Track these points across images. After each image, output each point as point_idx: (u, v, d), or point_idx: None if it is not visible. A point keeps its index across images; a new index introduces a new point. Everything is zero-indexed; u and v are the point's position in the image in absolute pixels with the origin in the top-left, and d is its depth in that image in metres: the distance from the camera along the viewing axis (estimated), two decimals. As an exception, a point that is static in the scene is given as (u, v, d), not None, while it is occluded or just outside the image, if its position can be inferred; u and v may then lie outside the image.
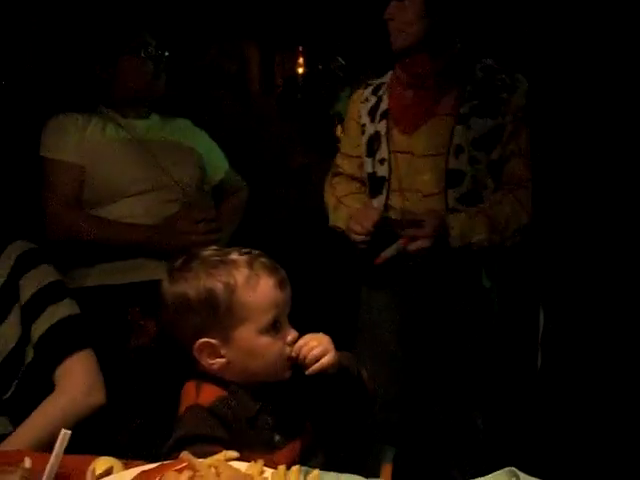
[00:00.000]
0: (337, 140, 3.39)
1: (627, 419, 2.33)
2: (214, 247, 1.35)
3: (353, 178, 2.17)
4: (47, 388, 1.56)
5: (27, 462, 1.01)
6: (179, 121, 2.39)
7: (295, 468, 1.02)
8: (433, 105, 1.98)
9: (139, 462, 1.08)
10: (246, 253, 1.30)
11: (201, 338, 1.25)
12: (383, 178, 2.03)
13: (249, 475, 0.99)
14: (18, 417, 1.53)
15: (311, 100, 3.42)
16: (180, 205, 2.15)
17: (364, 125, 2.09)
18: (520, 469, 1.05)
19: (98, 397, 1.58)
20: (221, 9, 2.97)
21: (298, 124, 3.35)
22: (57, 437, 1.41)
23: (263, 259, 1.30)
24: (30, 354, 1.59)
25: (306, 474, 1.03)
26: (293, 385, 1.32)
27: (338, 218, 2.12)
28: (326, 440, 1.36)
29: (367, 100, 2.12)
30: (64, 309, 1.62)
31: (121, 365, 1.92)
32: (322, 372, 1.28)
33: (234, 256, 1.29)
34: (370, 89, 2.14)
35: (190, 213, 2.15)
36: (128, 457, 1.12)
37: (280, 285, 1.28)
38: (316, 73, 3.43)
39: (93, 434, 1.50)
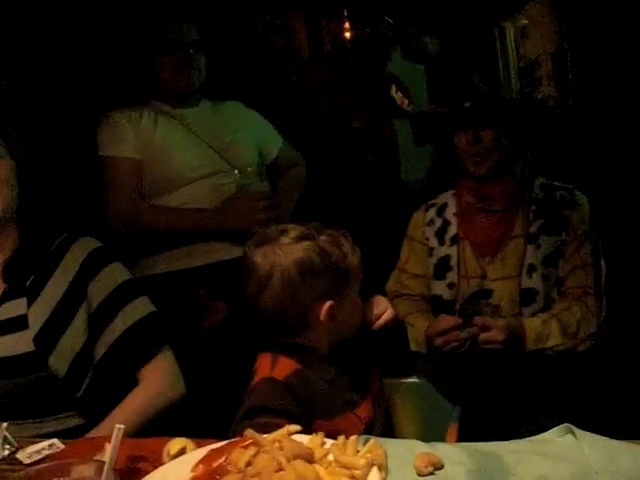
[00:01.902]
0: (393, 100, 3.37)
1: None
2: (297, 224, 1.40)
3: (416, 297, 2.14)
4: (120, 384, 1.61)
5: (107, 448, 1.07)
6: (229, 104, 2.43)
7: (353, 438, 1.06)
8: (507, 228, 2.04)
9: (210, 440, 1.14)
10: (327, 225, 1.40)
11: (327, 301, 1.33)
12: (449, 302, 2.04)
13: (310, 448, 1.04)
14: (91, 414, 1.57)
15: (363, 63, 3.39)
16: (237, 187, 2.21)
17: (432, 248, 2.11)
18: (578, 425, 1.06)
19: (179, 390, 1.65)
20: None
21: (352, 89, 3.34)
22: (141, 426, 1.50)
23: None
24: (100, 353, 1.61)
25: (365, 442, 1.07)
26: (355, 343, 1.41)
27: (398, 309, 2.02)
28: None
29: (432, 222, 2.13)
30: (139, 309, 1.64)
31: (195, 346, 2.00)
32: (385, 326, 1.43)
33: (324, 228, 1.38)
34: (433, 211, 2.15)
35: (248, 193, 2.20)
36: (200, 436, 1.18)
37: None
38: (364, 36, 3.40)
39: (169, 416, 1.59)
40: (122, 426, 0.86)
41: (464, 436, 1.36)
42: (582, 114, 3.08)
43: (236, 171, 2.20)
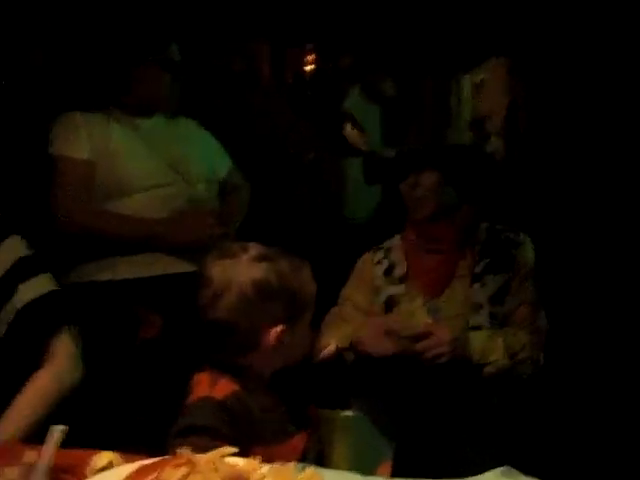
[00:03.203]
0: (345, 138, 3.40)
1: (627, 420, 2.35)
2: (260, 244, 1.37)
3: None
4: (24, 365, 1.52)
5: (27, 456, 1.02)
6: (184, 120, 2.44)
7: (291, 464, 1.02)
8: (452, 268, 2.08)
9: (139, 456, 1.09)
10: (288, 252, 1.37)
11: (278, 325, 1.30)
12: None
13: (246, 471, 1.00)
14: None
15: (320, 97, 3.42)
16: (187, 200, 2.19)
17: (379, 287, 2.13)
18: (517, 467, 1.05)
19: (80, 372, 1.56)
20: (230, 7, 2.98)
21: (308, 121, 3.36)
22: (46, 413, 1.43)
23: None
24: (1, 332, 1.51)
25: (302, 470, 1.03)
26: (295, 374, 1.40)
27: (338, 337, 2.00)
28: None
29: (380, 263, 2.16)
30: (39, 286, 1.55)
31: (128, 358, 1.95)
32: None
33: (286, 254, 1.35)
34: (381, 253, 2.18)
35: (197, 208, 2.18)
36: (129, 451, 1.13)
37: None
38: (326, 70, 3.44)
39: (96, 427, 1.52)
40: (60, 427, 0.80)
41: (397, 474, 1.34)
42: (528, 170, 3.19)
43: (188, 188, 2.18)
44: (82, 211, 2.12)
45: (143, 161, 2.20)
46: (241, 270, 1.30)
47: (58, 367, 1.53)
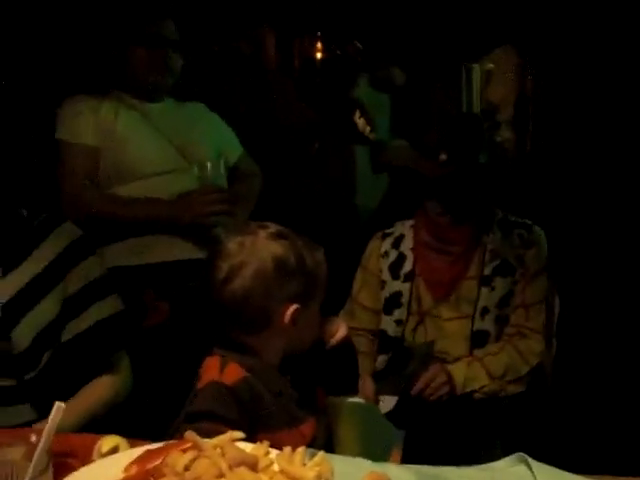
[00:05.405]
0: (355, 125, 3.37)
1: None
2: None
3: (363, 332, 2.10)
4: (73, 379, 1.58)
5: (33, 438, 1.00)
6: (193, 105, 2.40)
7: (301, 449, 1.01)
8: (462, 269, 2.02)
9: (145, 441, 1.08)
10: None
11: (293, 304, 1.29)
12: (394, 339, 2.03)
13: (254, 456, 0.98)
14: (40, 401, 1.51)
15: (329, 85, 3.40)
16: (196, 186, 2.16)
17: (385, 281, 2.07)
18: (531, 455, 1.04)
19: (125, 395, 1.64)
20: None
21: (316, 108, 3.33)
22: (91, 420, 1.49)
23: None
24: (65, 337, 1.57)
25: (311, 456, 1.02)
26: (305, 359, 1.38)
27: None
28: None
29: (387, 254, 2.09)
30: (109, 307, 1.62)
31: (136, 345, 1.94)
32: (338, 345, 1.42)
33: (300, 235, 1.34)
34: (389, 242, 2.10)
35: (205, 188, 2.14)
36: (135, 436, 1.12)
37: None
38: (334, 57, 3.42)
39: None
40: (62, 404, 0.78)
41: (407, 462, 1.32)
42: (539, 160, 3.17)
43: (195, 167, 2.14)
44: (86, 195, 2.11)
45: (150, 146, 2.18)
46: (260, 245, 1.29)
47: (117, 379, 1.62)
